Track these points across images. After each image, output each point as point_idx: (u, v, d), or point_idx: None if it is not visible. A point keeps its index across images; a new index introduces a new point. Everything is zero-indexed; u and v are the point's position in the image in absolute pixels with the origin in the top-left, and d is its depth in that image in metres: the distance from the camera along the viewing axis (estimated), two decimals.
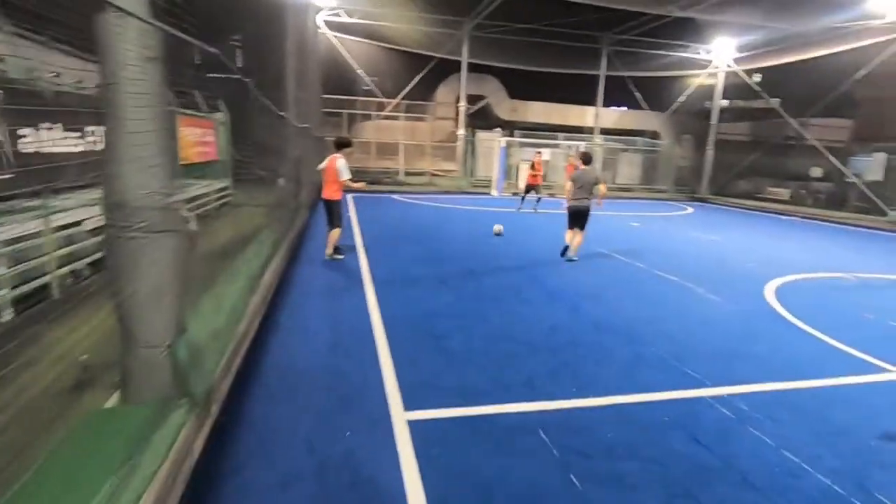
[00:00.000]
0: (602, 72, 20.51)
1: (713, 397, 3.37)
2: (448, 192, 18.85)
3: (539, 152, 14.40)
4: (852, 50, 17.22)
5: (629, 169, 24.18)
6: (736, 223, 14.08)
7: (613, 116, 23.75)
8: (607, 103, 22.01)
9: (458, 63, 19.23)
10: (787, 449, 2.79)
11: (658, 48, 19.88)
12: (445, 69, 20.69)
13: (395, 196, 16.29)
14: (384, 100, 20.65)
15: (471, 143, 21.20)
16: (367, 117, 22.04)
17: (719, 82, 21.52)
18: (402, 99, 20.62)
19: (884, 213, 15.44)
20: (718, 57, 20.49)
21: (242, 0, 6.48)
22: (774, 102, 35.45)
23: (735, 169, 21.52)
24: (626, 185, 23.52)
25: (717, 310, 5.48)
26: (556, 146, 21.91)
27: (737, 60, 20.22)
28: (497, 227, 9.75)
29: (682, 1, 15.18)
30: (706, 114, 22.53)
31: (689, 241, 10.38)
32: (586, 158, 7.75)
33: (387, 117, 21.30)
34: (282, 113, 7.78)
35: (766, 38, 17.95)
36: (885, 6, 13.87)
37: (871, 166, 19.33)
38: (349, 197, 15.63)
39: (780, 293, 6.18)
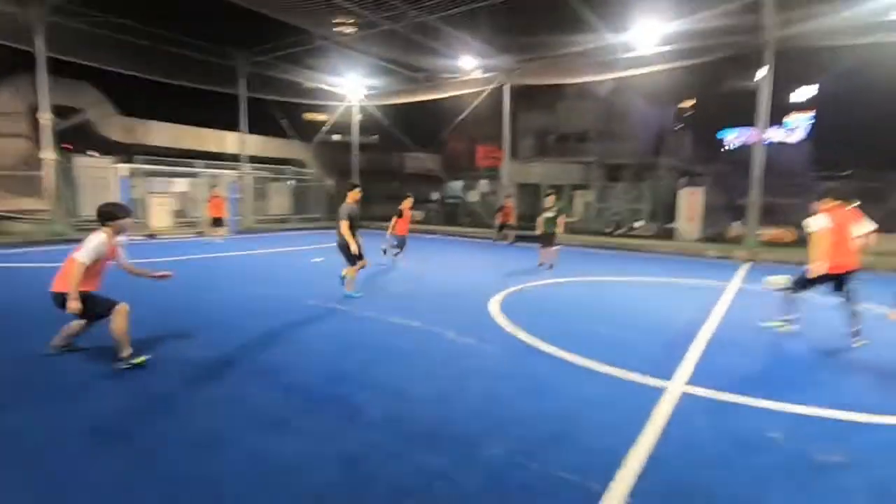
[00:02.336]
0: (242, 93, 18.49)
1: None
2: (35, 242, 12.89)
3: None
4: (450, 98, 21.32)
5: (281, 199, 22.99)
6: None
7: (258, 143, 22.03)
8: (252, 129, 20.11)
9: (31, 56, 13.43)
10: None
11: (297, 75, 19.45)
12: (5, 64, 14.21)
13: None
14: None
15: (66, 172, 15.32)
16: None
17: (354, 116, 23.01)
18: None
19: (488, 225, 19.55)
20: (353, 91, 21.80)
21: None
22: (374, 139, 41.41)
23: (380, 195, 23.41)
24: (281, 216, 22.24)
25: (493, 360, 4.85)
26: (194, 175, 18.46)
27: (368, 97, 22.01)
28: None
29: (323, 29, 15.14)
30: (347, 144, 23.77)
31: (382, 272, 9.98)
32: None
33: None
34: None
35: (390, 79, 20.18)
36: (472, 63, 17.51)
37: (470, 192, 24.53)
38: None
39: (515, 319, 6.20)
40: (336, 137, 39.64)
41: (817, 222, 5.16)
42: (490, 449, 3.05)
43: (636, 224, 20.35)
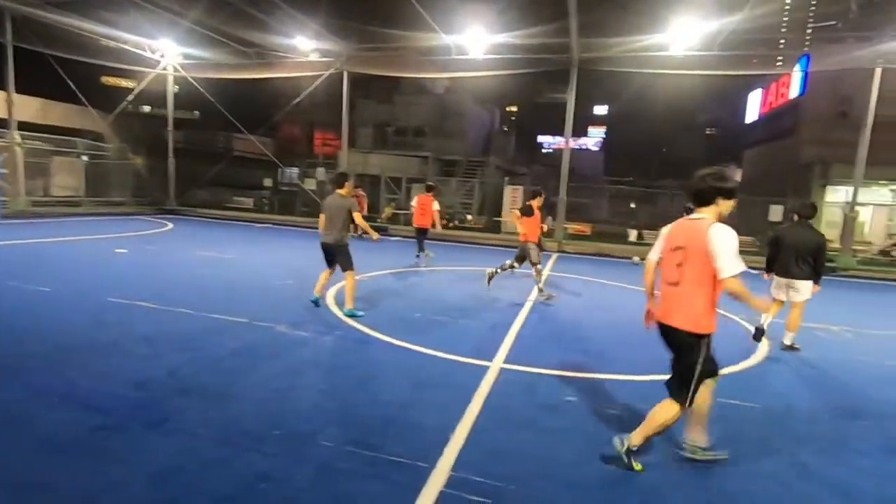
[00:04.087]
0: (9, 41, 14.70)
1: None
2: None
3: None
4: (285, 79, 20.03)
5: (68, 178, 19.03)
6: (231, 236, 13.61)
7: (36, 108, 17.80)
8: (27, 90, 16.16)
9: None
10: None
11: (92, 30, 16.20)
12: None
13: None
14: None
15: None
16: None
17: (169, 86, 20.14)
18: None
19: None
20: (166, 58, 19.01)
21: None
22: (194, 115, 37.04)
23: (204, 178, 20.95)
24: (70, 199, 18.43)
25: (328, 352, 4.75)
26: None
27: (187, 67, 19.42)
28: None
29: None
30: (161, 118, 20.71)
31: (205, 263, 8.99)
32: (340, 180, 5.96)
33: None
34: None
35: (215, 50, 18.11)
36: (309, 45, 16.67)
37: (306, 179, 23.53)
38: None
39: (345, 309, 6.14)
40: (146, 109, 34.27)
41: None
42: (321, 442, 3.00)
43: (467, 217, 21.83)
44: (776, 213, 17.91)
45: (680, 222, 2.93)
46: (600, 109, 61.45)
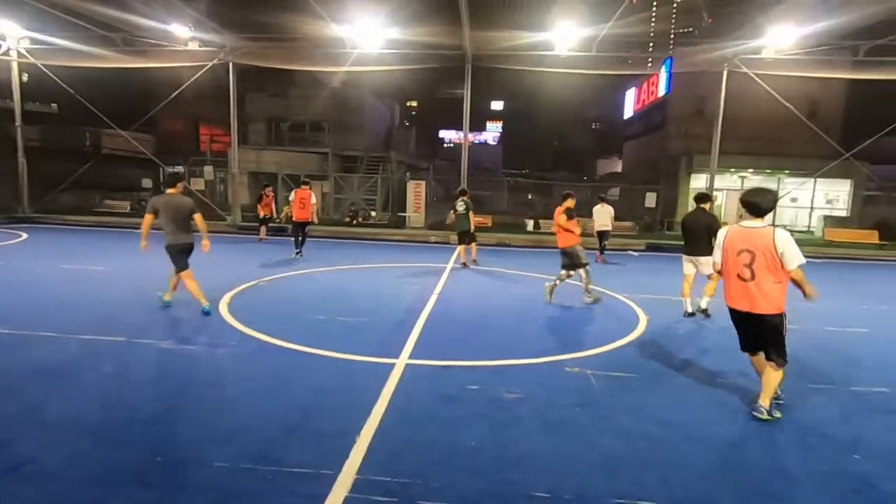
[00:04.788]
0: None
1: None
2: None
3: None
4: (163, 70, 18.20)
5: None
6: (103, 245, 12.12)
7: None
8: None
9: None
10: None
11: None
12: None
13: None
14: None
15: None
16: None
17: (14, 74, 17.40)
18: None
19: (223, 218, 17.73)
20: (8, 42, 16.37)
21: None
22: (53, 108, 32.51)
23: (67, 180, 18.41)
24: None
25: (221, 365, 4.43)
26: None
27: (36, 53, 16.90)
28: None
29: None
30: (7, 112, 17.83)
31: (71, 278, 7.92)
32: (173, 180, 5.90)
33: None
34: None
35: (72, 35, 15.92)
36: (186, 32, 15.30)
37: (193, 179, 21.72)
38: None
39: (247, 317, 5.78)
40: None
41: None
42: (213, 464, 2.79)
43: (372, 214, 21.57)
44: (651, 199, 19.90)
45: (737, 230, 3.57)
46: (497, 105, 63.70)
